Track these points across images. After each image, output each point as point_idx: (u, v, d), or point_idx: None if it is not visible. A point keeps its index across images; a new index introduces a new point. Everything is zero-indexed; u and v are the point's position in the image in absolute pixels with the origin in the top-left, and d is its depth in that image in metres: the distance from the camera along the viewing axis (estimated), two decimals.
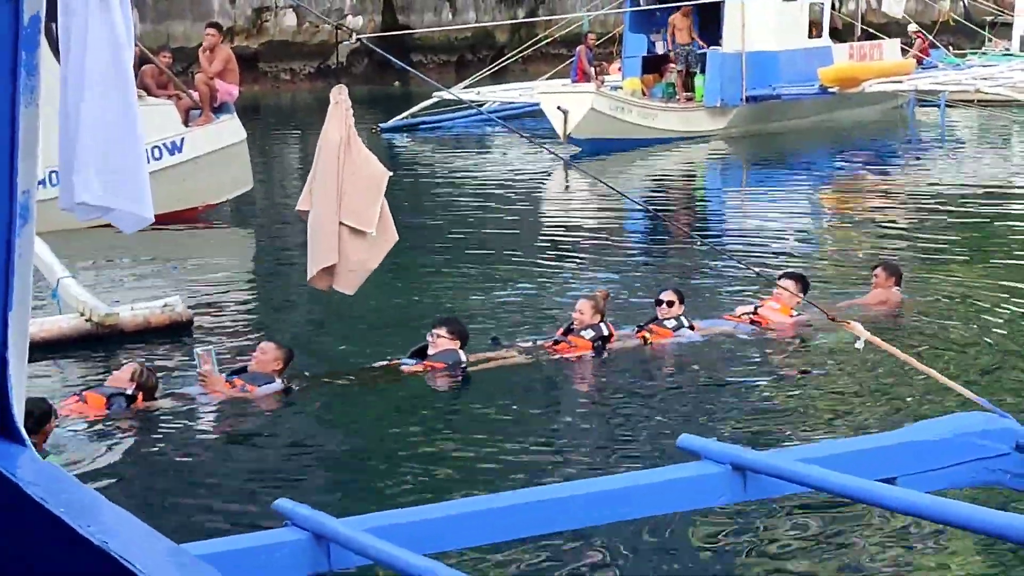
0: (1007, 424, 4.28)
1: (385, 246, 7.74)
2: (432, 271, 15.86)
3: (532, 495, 4.22)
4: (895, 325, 12.50)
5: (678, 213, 21.85)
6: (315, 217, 7.80)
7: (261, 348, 10.74)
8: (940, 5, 48.86)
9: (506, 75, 38.48)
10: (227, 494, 8.55)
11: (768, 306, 12.65)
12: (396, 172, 27.53)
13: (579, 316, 11.77)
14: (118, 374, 10.09)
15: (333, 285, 7.86)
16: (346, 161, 7.53)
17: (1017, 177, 25.30)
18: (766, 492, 4.35)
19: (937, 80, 33.39)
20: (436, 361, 10.99)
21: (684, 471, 4.34)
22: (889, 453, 4.27)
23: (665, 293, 12.43)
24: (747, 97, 31.11)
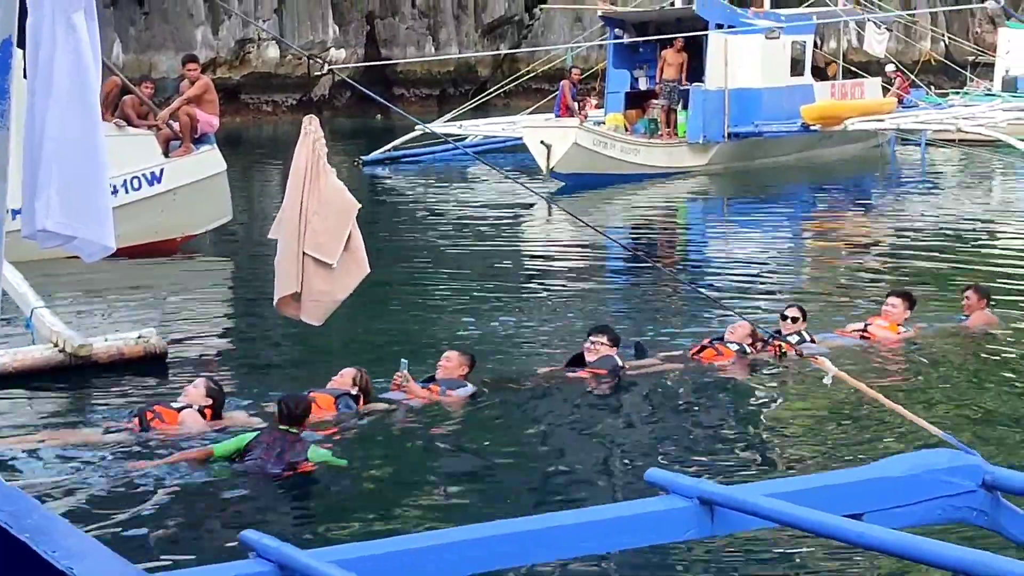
0: (973, 461, 4.26)
1: (355, 278, 7.71)
2: (412, 303, 15.84)
3: (500, 528, 4.18)
4: (985, 348, 13.06)
5: (658, 249, 21.86)
6: (281, 245, 7.80)
7: (446, 356, 11.28)
8: (921, 45, 49.13)
9: (488, 109, 38.56)
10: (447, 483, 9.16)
11: (877, 323, 13.26)
12: (378, 205, 27.65)
13: (732, 334, 12.41)
14: (340, 378, 10.61)
15: (300, 315, 7.83)
16: (313, 191, 7.52)
17: (997, 216, 25.38)
18: (733, 527, 4.32)
19: (918, 119, 33.56)
20: (597, 367, 11.54)
21: (651, 505, 4.31)
22: (856, 489, 4.25)
23: (790, 309, 13.08)
24: (729, 134, 31.22)
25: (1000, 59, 42.68)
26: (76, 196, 4.39)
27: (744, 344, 12.40)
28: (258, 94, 48.46)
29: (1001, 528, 4.29)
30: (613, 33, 33.04)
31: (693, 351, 12.33)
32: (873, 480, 4.27)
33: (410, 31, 51.45)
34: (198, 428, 9.97)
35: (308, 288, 7.64)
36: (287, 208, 7.70)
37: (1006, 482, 4.24)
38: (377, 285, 16.60)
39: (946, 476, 4.23)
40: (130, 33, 46.07)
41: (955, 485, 4.24)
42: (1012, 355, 12.89)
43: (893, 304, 13.37)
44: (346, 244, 7.76)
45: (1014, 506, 4.26)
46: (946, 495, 4.24)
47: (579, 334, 13.62)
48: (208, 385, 10.31)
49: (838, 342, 13.01)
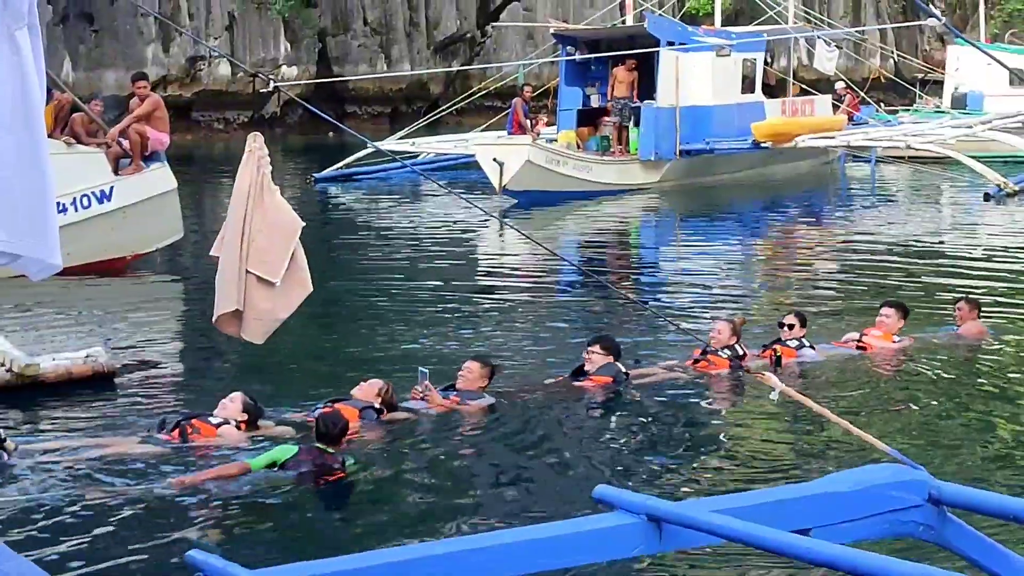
0: (919, 476, 4.27)
1: (297, 297, 7.68)
2: (362, 319, 15.82)
3: (443, 547, 4.16)
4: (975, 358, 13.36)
5: (610, 265, 21.90)
6: (222, 262, 7.77)
7: (467, 367, 11.36)
8: (871, 62, 49.49)
9: (440, 127, 38.58)
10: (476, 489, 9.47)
11: (872, 334, 13.49)
12: (330, 222, 27.58)
13: (717, 337, 12.55)
14: (365, 389, 10.76)
15: (241, 333, 7.80)
16: (257, 209, 7.49)
17: (946, 233, 25.56)
18: (681, 543, 4.31)
19: (868, 136, 33.76)
20: (600, 376, 11.77)
21: (599, 522, 4.30)
22: (803, 504, 4.25)
23: (788, 317, 13.35)
24: (681, 151, 31.34)
25: (949, 76, 43.02)
26: (21, 214, 4.34)
27: (736, 346, 12.57)
28: (209, 112, 48.33)
29: (947, 542, 4.29)
30: (565, 51, 33.13)
31: (689, 362, 12.54)
32: (820, 495, 4.27)
33: (362, 48, 51.43)
34: (236, 441, 10.12)
35: (250, 306, 7.61)
36: (230, 226, 7.68)
37: (952, 497, 4.25)
38: (327, 301, 16.61)
39: (892, 491, 4.24)
40: (80, 51, 45.87)
41: (901, 500, 4.24)
42: (972, 370, 12.98)
43: (887, 314, 13.61)
44: (289, 263, 7.73)
45: (960, 520, 4.27)
46: (893, 510, 4.24)
47: (528, 350, 13.66)
48: (244, 400, 10.42)
49: (835, 352, 13.29)
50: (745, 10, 46.75)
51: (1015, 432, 10.88)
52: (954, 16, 59.41)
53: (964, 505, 4.23)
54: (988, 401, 11.90)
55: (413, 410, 10.92)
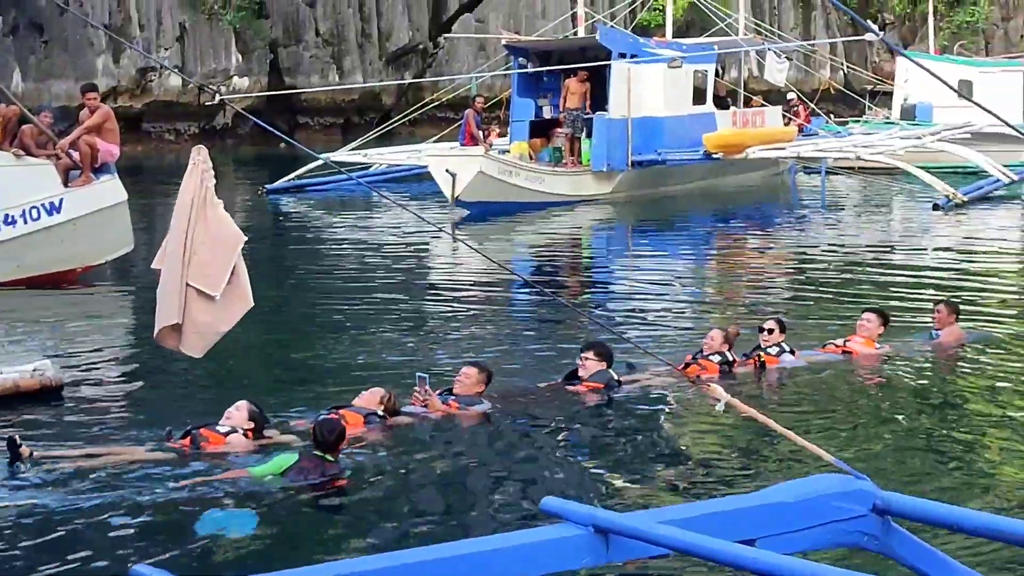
0: (864, 486, 4.29)
1: (237, 311, 7.65)
2: (312, 331, 15.79)
3: (390, 560, 4.16)
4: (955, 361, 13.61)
5: (562, 277, 21.94)
6: (164, 275, 7.73)
7: (465, 373, 11.58)
8: (821, 74, 49.78)
9: (393, 138, 38.54)
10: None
11: (854, 340, 13.76)
12: (282, 234, 27.46)
13: (710, 343, 12.95)
14: (367, 396, 10.99)
15: (180, 346, 7.76)
16: (200, 223, 7.46)
17: (895, 243, 25.75)
18: (628, 554, 4.32)
19: (819, 147, 33.95)
20: (592, 382, 12.01)
21: (546, 533, 4.30)
22: (749, 515, 4.27)
23: (767, 322, 13.64)
24: (633, 162, 31.42)
25: (898, 87, 43.30)
26: None
27: (725, 353, 12.90)
28: (160, 123, 48.13)
29: (892, 552, 4.32)
30: (517, 62, 33.17)
31: (680, 366, 12.74)
32: (766, 506, 4.28)
33: (314, 59, 51.33)
34: (245, 449, 10.28)
35: (190, 319, 7.58)
36: (172, 238, 7.65)
37: (897, 507, 4.28)
38: (279, 313, 16.58)
39: (837, 501, 4.26)
40: (30, 61, 45.60)
41: (846, 510, 4.26)
42: (932, 378, 13.08)
43: (868, 319, 13.92)
44: (231, 277, 7.70)
45: (904, 530, 4.30)
46: (838, 520, 4.26)
47: (479, 358, 13.62)
48: (250, 408, 10.55)
49: (820, 358, 13.57)
50: (696, 22, 46.95)
51: (963, 442, 10.97)
52: (903, 28, 59.89)
53: (908, 515, 4.27)
54: (940, 411, 11.98)
55: (414, 415, 11.15)
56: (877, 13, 59.52)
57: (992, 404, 12.20)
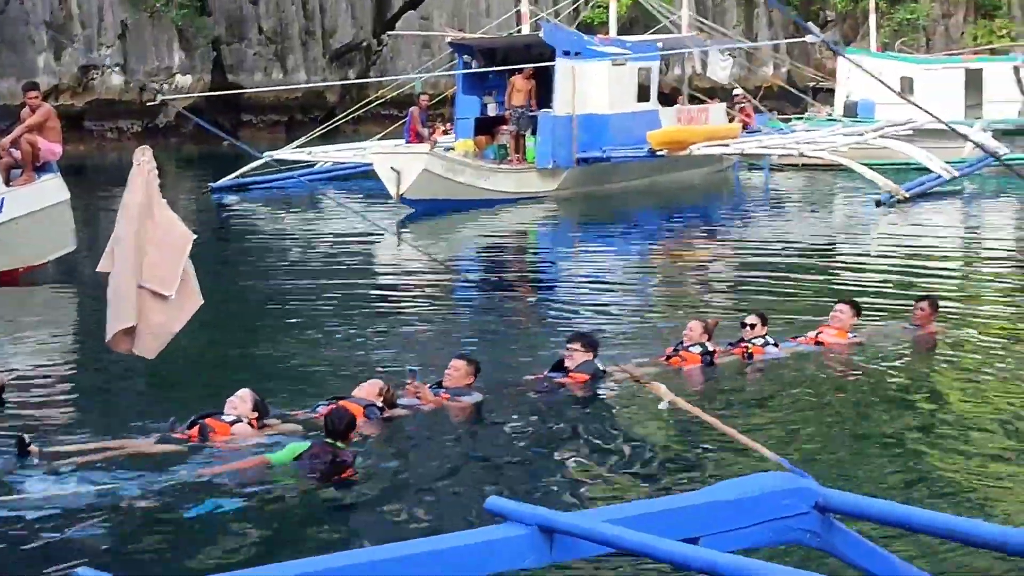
0: (806, 484, 4.32)
1: (189, 309, 7.63)
2: (259, 329, 15.74)
3: (333, 561, 4.15)
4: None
5: (506, 274, 21.95)
6: (114, 278, 7.67)
7: (453, 365, 11.83)
8: (764, 71, 50.02)
9: (337, 135, 38.44)
10: None
11: (827, 331, 13.98)
12: (227, 232, 27.34)
13: (690, 334, 13.19)
14: (367, 388, 11.20)
15: (133, 349, 7.72)
16: (148, 223, 7.42)
17: (838, 238, 25.93)
18: (572, 553, 4.33)
19: (762, 144, 34.14)
20: (579, 372, 12.20)
21: (491, 533, 4.30)
22: (692, 513, 4.29)
23: (749, 317, 13.84)
24: (578, 159, 31.48)
25: (841, 85, 43.58)
26: None
27: (706, 344, 13.11)
28: (102, 121, 47.79)
29: (833, 549, 4.35)
30: (461, 60, 33.17)
31: (662, 358, 13.05)
32: (709, 504, 4.30)
33: (257, 57, 51.14)
34: (251, 438, 10.46)
35: (144, 321, 7.53)
36: (120, 240, 7.59)
37: (838, 504, 4.31)
38: (225, 311, 16.49)
39: (780, 498, 4.29)
40: None
41: (788, 507, 4.29)
42: (887, 374, 13.16)
43: (841, 311, 14.15)
44: (181, 276, 7.67)
45: (846, 527, 4.33)
46: (780, 517, 4.29)
47: (424, 356, 13.63)
48: (254, 398, 10.72)
49: (795, 349, 13.77)
50: (639, 19, 47.09)
51: (909, 439, 11.04)
52: (845, 25, 60.25)
53: (849, 512, 4.30)
54: (891, 407, 12.05)
55: (408, 407, 11.39)
56: (819, 10, 59.90)
57: (943, 402, 12.29)
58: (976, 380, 12.99)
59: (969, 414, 11.84)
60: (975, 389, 12.70)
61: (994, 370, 13.35)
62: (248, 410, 10.65)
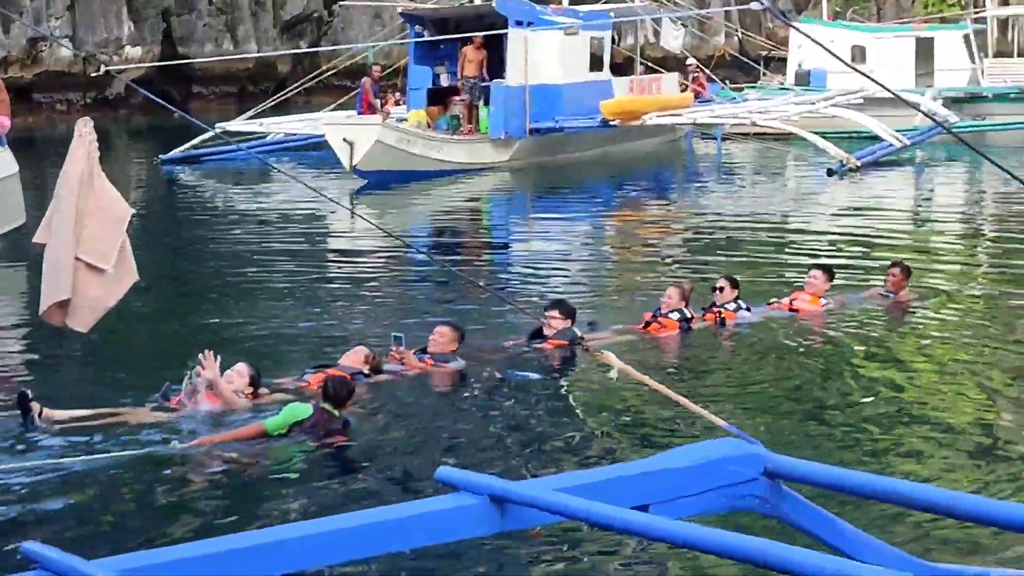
0: (755, 450, 4.33)
1: (124, 284, 7.55)
2: (211, 301, 15.67)
3: (282, 533, 4.13)
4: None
5: (460, 245, 21.93)
6: (51, 250, 7.59)
7: (438, 331, 11.95)
8: (716, 40, 50.08)
9: (289, 106, 38.24)
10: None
11: (801, 297, 14.10)
12: (177, 204, 27.18)
13: (668, 301, 13.31)
14: (352, 356, 11.34)
15: (66, 321, 7.64)
16: (88, 195, 7.34)
17: (790, 206, 26.02)
18: (524, 522, 4.33)
19: (714, 113, 34.20)
20: (558, 339, 12.32)
21: (442, 503, 4.30)
22: (642, 481, 4.29)
23: (719, 281, 13.98)
24: (531, 129, 31.45)
25: (792, 54, 43.69)
26: None
27: (684, 310, 13.23)
28: (51, 93, 47.39)
29: (782, 514, 4.37)
30: (413, 30, 33.03)
31: (641, 325, 13.16)
32: (658, 472, 4.30)
33: (207, 28, 50.80)
34: (247, 407, 10.56)
35: (79, 294, 7.46)
36: (58, 212, 7.51)
37: (786, 470, 4.32)
38: (173, 283, 16.44)
39: (729, 465, 4.29)
40: None
41: (738, 474, 4.30)
42: (845, 342, 13.24)
43: (815, 276, 14.29)
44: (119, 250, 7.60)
45: (795, 493, 4.35)
46: (729, 484, 4.30)
47: (376, 327, 13.63)
48: (251, 372, 10.79)
49: (769, 314, 13.90)
50: None
51: (861, 405, 11.08)
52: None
53: (797, 477, 4.31)
54: (849, 373, 12.09)
55: (393, 372, 11.54)
56: None
57: (904, 369, 12.36)
58: (938, 347, 13.09)
59: (928, 381, 11.92)
60: (936, 356, 12.79)
61: (952, 335, 13.45)
62: (244, 384, 10.71)
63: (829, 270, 14.58)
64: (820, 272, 14.38)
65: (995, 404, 11.17)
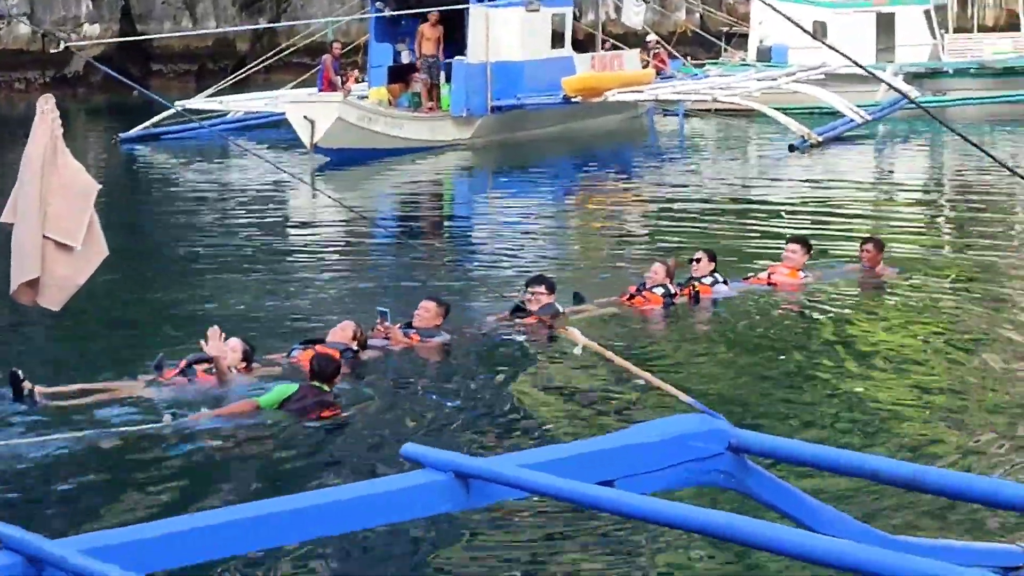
0: (719, 425, 4.34)
1: (94, 261, 7.50)
2: (171, 280, 15.60)
3: (252, 510, 4.12)
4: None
5: (422, 222, 21.89)
6: (18, 230, 7.53)
7: (423, 307, 11.99)
8: (676, 16, 50.07)
9: (249, 84, 38.02)
10: None
11: (779, 271, 14.14)
12: (137, 183, 27.02)
13: (653, 276, 13.37)
14: (339, 332, 11.35)
15: (37, 300, 7.59)
16: (52, 173, 7.28)
17: (753, 183, 26.07)
18: (489, 498, 4.33)
19: (676, 90, 34.19)
20: (542, 315, 12.39)
21: (407, 480, 4.29)
22: (607, 456, 4.29)
23: (696, 253, 14.08)
24: (493, 107, 31.36)
25: (754, 30, 43.68)
26: None
27: (668, 285, 13.33)
28: (9, 72, 46.96)
29: (747, 489, 4.38)
30: (374, 7, 32.87)
31: (624, 298, 13.27)
32: (624, 447, 4.31)
33: (166, 5, 50.40)
34: (241, 380, 10.69)
35: (48, 272, 7.40)
36: (24, 191, 7.45)
37: (751, 444, 4.33)
38: (136, 262, 16.34)
39: (694, 440, 4.30)
40: None
41: (703, 449, 4.30)
42: (820, 315, 13.29)
43: (792, 250, 14.31)
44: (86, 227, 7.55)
45: (759, 467, 4.36)
46: (694, 459, 4.30)
47: (338, 308, 13.58)
48: (244, 347, 10.89)
49: (746, 288, 13.96)
50: None
51: (827, 379, 11.12)
52: None
53: (762, 452, 4.32)
54: (818, 347, 12.15)
55: (379, 347, 11.63)
56: None
57: (873, 343, 12.40)
58: (912, 321, 13.14)
59: (896, 355, 11.95)
60: (910, 330, 12.84)
61: (923, 308, 13.53)
62: (237, 359, 10.79)
63: (806, 242, 14.61)
64: (798, 245, 14.39)
65: (967, 377, 11.22)
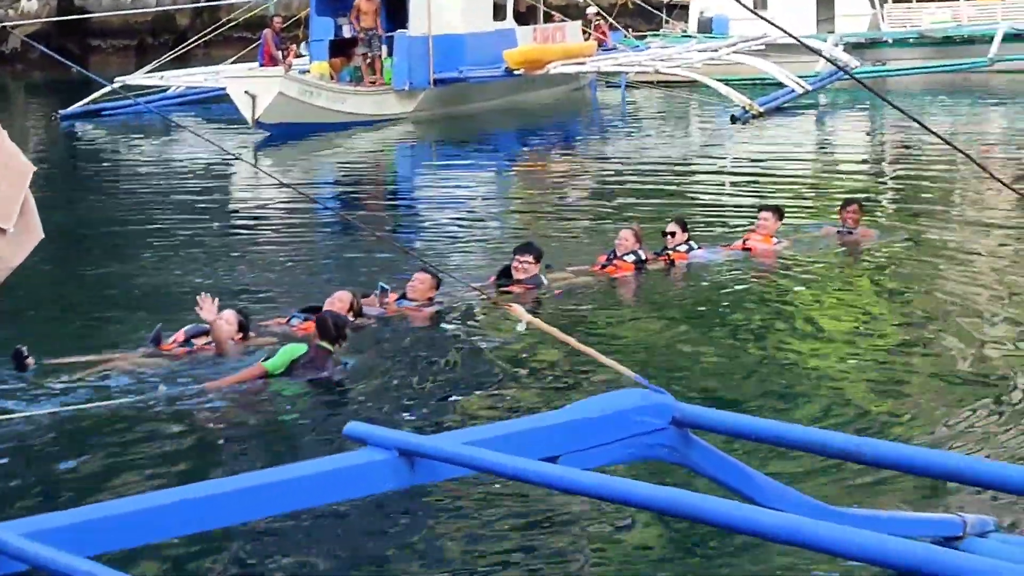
0: (663, 399, 4.34)
1: (29, 244, 7.42)
2: (113, 258, 15.50)
3: (195, 491, 4.10)
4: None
5: (364, 198, 21.82)
6: None
7: (417, 278, 12.16)
8: None
9: (189, 59, 37.77)
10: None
11: (753, 238, 14.29)
12: (77, 160, 26.78)
13: (623, 243, 13.42)
14: (337, 302, 11.25)
15: None
16: None
17: (694, 153, 26.16)
18: (433, 476, 4.32)
19: (618, 62, 34.22)
20: (527, 284, 12.60)
21: (350, 459, 4.28)
22: (551, 432, 4.29)
23: (669, 225, 14.10)
24: (435, 80, 31.28)
25: (694, 2, 43.79)
26: None
27: (638, 251, 13.38)
28: None
29: (691, 463, 4.39)
30: None
31: (597, 267, 13.37)
32: (567, 423, 4.31)
33: None
34: (239, 349, 10.72)
35: None
36: None
37: (694, 418, 4.34)
38: (74, 241, 16.22)
39: (637, 415, 4.30)
40: None
41: (646, 424, 4.30)
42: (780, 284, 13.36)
43: (765, 218, 14.49)
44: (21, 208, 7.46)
45: (703, 441, 4.37)
46: (638, 433, 4.30)
47: (277, 283, 13.55)
48: (239, 318, 10.91)
49: (723, 255, 14.12)
50: None
51: (774, 352, 11.15)
52: None
53: (705, 426, 4.33)
54: (777, 319, 12.18)
55: (373, 316, 11.83)
56: None
57: (829, 313, 12.47)
58: (875, 290, 13.23)
59: (850, 324, 12.00)
60: (864, 301, 12.91)
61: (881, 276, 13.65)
62: (233, 331, 10.79)
63: (779, 210, 14.83)
64: (769, 213, 14.62)
65: (917, 348, 11.28)
